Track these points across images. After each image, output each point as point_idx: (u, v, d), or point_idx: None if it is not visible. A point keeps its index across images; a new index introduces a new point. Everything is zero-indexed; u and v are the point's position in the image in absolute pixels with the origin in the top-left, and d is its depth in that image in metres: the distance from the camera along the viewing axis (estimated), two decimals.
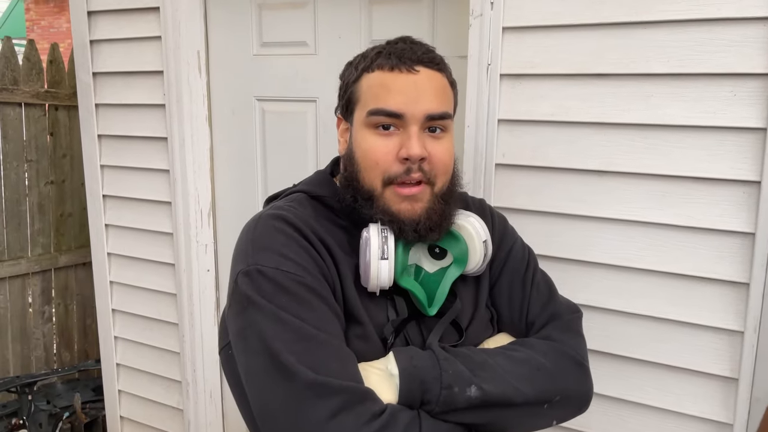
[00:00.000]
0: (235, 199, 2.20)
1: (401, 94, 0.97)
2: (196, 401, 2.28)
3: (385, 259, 0.95)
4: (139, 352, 2.42)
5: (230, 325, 0.95)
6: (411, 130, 0.96)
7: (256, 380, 0.89)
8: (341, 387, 0.84)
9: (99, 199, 2.37)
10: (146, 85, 2.18)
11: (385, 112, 0.96)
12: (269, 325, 0.88)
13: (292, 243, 0.94)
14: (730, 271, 1.40)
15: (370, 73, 1.01)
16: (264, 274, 0.91)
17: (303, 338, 0.87)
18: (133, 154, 2.26)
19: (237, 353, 0.94)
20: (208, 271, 2.24)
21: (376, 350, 0.96)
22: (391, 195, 0.98)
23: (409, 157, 0.95)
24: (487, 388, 0.91)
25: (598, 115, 1.47)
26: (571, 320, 1.08)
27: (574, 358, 1.02)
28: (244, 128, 2.13)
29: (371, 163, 0.98)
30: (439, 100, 0.99)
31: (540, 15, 1.50)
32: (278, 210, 1.00)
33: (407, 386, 0.89)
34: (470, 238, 1.03)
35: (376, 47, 1.04)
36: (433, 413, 0.89)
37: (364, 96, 1.00)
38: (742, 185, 1.36)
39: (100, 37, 2.24)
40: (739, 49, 1.32)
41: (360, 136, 1.00)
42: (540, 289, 1.11)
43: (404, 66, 0.98)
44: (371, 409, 0.84)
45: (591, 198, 1.52)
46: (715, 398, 1.46)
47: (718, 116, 1.36)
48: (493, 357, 0.97)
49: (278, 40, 2.02)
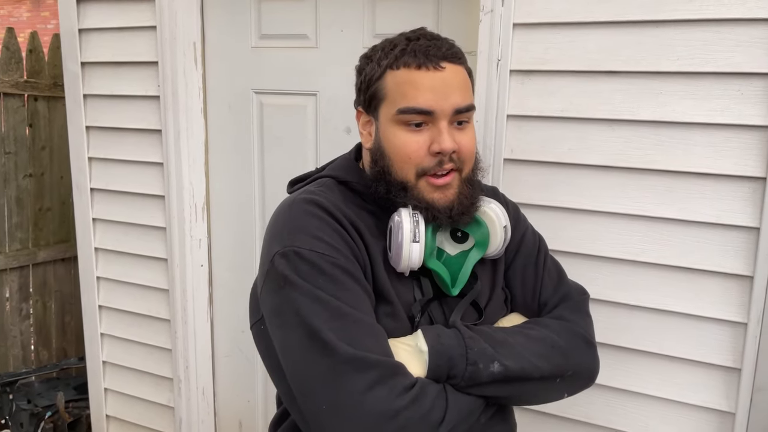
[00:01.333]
0: (231, 194, 2.17)
1: (430, 91, 1.00)
2: (188, 398, 2.25)
3: (417, 242, 1.00)
4: (127, 349, 2.36)
5: (266, 302, 1.00)
6: (441, 125, 1.01)
7: (294, 354, 0.94)
8: (377, 361, 0.90)
9: (86, 192, 2.30)
10: (139, 76, 2.13)
11: (417, 110, 1.00)
12: (306, 303, 0.92)
13: (325, 226, 0.98)
14: (735, 265, 1.44)
15: (395, 70, 1.03)
16: (300, 255, 0.95)
17: (340, 316, 0.92)
18: (124, 147, 2.20)
19: (273, 328, 0.99)
20: (202, 266, 2.20)
21: (403, 328, 1.02)
22: (424, 185, 1.03)
23: (442, 151, 1.01)
24: (508, 364, 0.97)
25: (608, 111, 1.50)
26: (580, 301, 1.16)
27: (584, 337, 1.10)
28: (241, 121, 2.10)
29: (404, 158, 1.02)
30: (464, 93, 1.04)
31: (551, 12, 1.52)
32: (310, 195, 1.04)
33: (436, 362, 0.95)
34: (492, 223, 1.09)
35: (395, 41, 1.06)
36: (458, 387, 0.96)
37: (392, 93, 1.03)
38: (747, 181, 1.41)
39: (89, 26, 2.18)
40: (747, 48, 1.36)
41: (390, 133, 1.04)
42: (551, 272, 1.19)
43: (431, 63, 1.01)
44: (403, 382, 0.90)
45: (598, 193, 1.55)
46: (718, 388, 1.50)
47: (725, 114, 1.40)
48: (513, 335, 1.04)
49: (278, 32, 2.00)
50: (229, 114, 2.11)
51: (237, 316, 2.24)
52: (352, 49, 1.90)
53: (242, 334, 2.23)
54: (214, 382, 2.31)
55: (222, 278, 2.24)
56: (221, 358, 2.29)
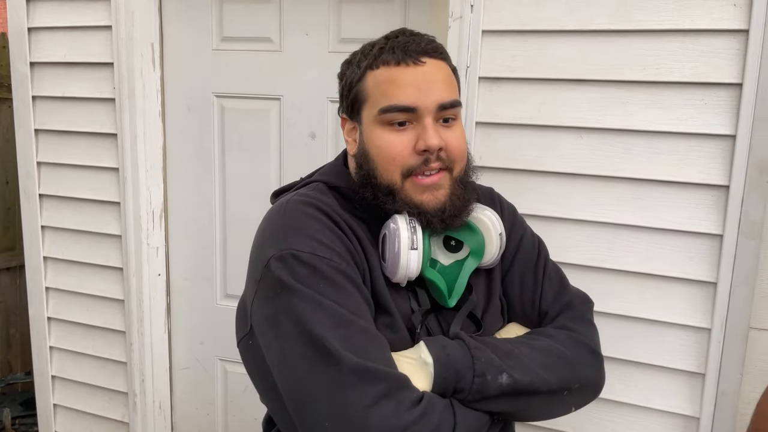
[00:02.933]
0: (190, 200, 2.10)
1: (411, 87, 0.96)
2: (144, 414, 2.16)
3: (415, 249, 0.95)
4: (79, 363, 2.26)
5: (258, 312, 0.93)
6: (426, 122, 0.96)
7: (292, 366, 0.87)
8: (385, 373, 0.85)
9: (35, 198, 2.19)
10: (93, 77, 2.04)
11: (398, 107, 0.96)
12: (308, 310, 0.86)
13: (325, 229, 0.93)
14: (699, 271, 1.47)
15: (375, 70, 0.99)
16: (299, 258, 0.89)
17: (343, 323, 0.86)
18: (77, 151, 2.11)
19: (267, 339, 0.92)
20: (159, 275, 2.12)
21: (403, 340, 0.97)
22: (411, 186, 0.98)
23: (428, 148, 0.95)
24: (517, 377, 0.92)
25: (576, 119, 1.51)
26: (584, 310, 1.10)
27: (590, 347, 1.05)
28: (201, 125, 2.04)
29: (389, 159, 0.97)
30: (448, 89, 0.99)
31: (519, 19, 1.52)
32: (305, 197, 0.99)
33: (442, 375, 0.90)
34: (487, 231, 1.04)
35: (375, 43, 1.02)
36: (465, 401, 0.90)
37: (372, 94, 0.99)
38: (711, 189, 1.43)
39: (39, 25, 2.08)
40: (711, 59, 1.39)
41: (373, 134, 0.99)
42: (551, 278, 1.13)
43: (410, 59, 0.97)
44: (410, 397, 0.85)
45: (566, 200, 1.56)
46: (683, 393, 1.52)
47: (689, 123, 1.43)
48: (518, 346, 0.99)
49: (240, 34, 1.95)
50: (189, 118, 2.05)
51: (195, 326, 2.16)
52: (317, 53, 1.87)
53: (201, 346, 2.16)
54: (171, 396, 2.23)
55: (180, 287, 2.16)
56: (179, 371, 2.21)
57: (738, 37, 1.37)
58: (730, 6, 1.36)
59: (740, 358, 1.44)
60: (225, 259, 2.09)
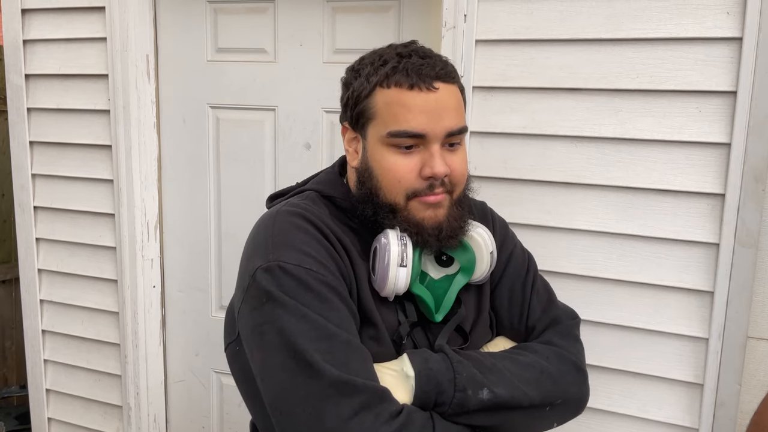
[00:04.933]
0: (185, 212, 2.09)
1: (423, 114, 0.95)
2: (138, 427, 2.14)
3: (404, 266, 0.95)
4: (73, 376, 2.24)
5: (244, 321, 0.94)
6: (433, 148, 0.96)
7: (274, 376, 0.88)
8: (364, 386, 0.85)
9: (29, 211, 2.19)
10: (88, 88, 2.04)
11: (408, 134, 0.95)
12: (292, 322, 0.87)
13: (312, 241, 0.94)
14: (695, 280, 1.45)
15: (386, 89, 0.97)
16: (286, 270, 0.89)
17: (326, 336, 0.87)
18: (71, 163, 2.10)
19: (251, 349, 0.92)
20: (154, 287, 2.11)
21: (388, 352, 0.97)
22: (415, 205, 0.98)
23: (434, 176, 0.96)
24: (498, 392, 0.93)
25: (570, 128, 1.50)
26: (570, 325, 1.11)
27: (575, 363, 1.05)
28: (196, 137, 2.03)
29: (393, 182, 0.97)
30: (458, 115, 0.98)
31: (512, 29, 1.52)
32: (295, 207, 0.99)
33: (423, 388, 0.90)
34: (479, 249, 1.04)
35: (384, 57, 0.99)
36: (445, 415, 0.91)
37: (382, 113, 0.97)
38: (706, 198, 1.42)
39: (35, 37, 2.08)
40: (704, 67, 1.39)
41: (379, 154, 0.98)
42: (540, 293, 1.13)
43: (424, 84, 0.95)
44: (389, 409, 0.85)
45: (560, 209, 1.55)
46: (681, 404, 1.50)
47: (684, 132, 1.42)
48: (501, 361, 0.99)
49: (235, 46, 1.95)
50: (184, 129, 2.04)
51: (191, 338, 2.15)
52: (312, 64, 1.87)
53: (196, 358, 2.14)
54: (166, 409, 2.21)
55: (175, 299, 2.15)
56: (174, 384, 2.20)
57: (732, 45, 1.36)
58: (723, 14, 1.36)
59: (738, 367, 1.43)
60: (220, 270, 2.08)
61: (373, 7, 1.78)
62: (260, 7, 1.89)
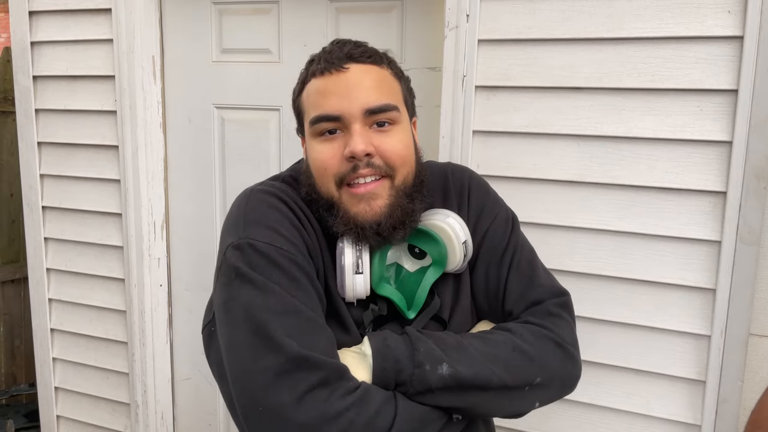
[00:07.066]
0: (191, 211, 2.11)
1: (334, 95, 0.95)
2: (146, 424, 2.16)
3: (360, 273, 0.95)
4: (81, 374, 2.26)
5: (215, 298, 0.95)
6: (353, 128, 0.95)
7: (237, 351, 0.88)
8: (324, 362, 0.85)
9: (38, 210, 2.21)
10: (94, 89, 2.06)
11: (323, 117, 0.96)
12: (258, 297, 0.87)
13: (284, 220, 0.94)
14: (697, 278, 1.46)
15: (308, 83, 1.00)
16: (255, 248, 0.90)
17: (291, 312, 0.87)
18: (79, 163, 2.13)
19: (220, 326, 0.92)
20: (161, 286, 2.13)
21: (355, 340, 0.97)
22: (347, 198, 0.96)
23: (353, 154, 0.93)
24: (460, 369, 0.90)
25: (572, 127, 1.51)
26: (558, 303, 1.04)
27: (554, 341, 0.98)
28: (202, 137, 2.05)
29: (321, 170, 0.97)
30: (377, 93, 0.96)
31: (515, 28, 1.53)
32: (269, 187, 0.99)
33: (380, 365, 0.89)
34: (449, 240, 1.01)
35: (312, 56, 1.04)
36: (408, 394, 0.89)
37: (307, 107, 1.00)
38: (708, 195, 1.43)
39: (42, 39, 2.10)
40: (706, 66, 1.39)
41: (310, 147, 1.00)
42: (520, 270, 1.05)
43: (333, 67, 0.96)
44: (345, 386, 0.85)
45: (563, 208, 1.56)
46: (683, 401, 1.51)
47: (686, 130, 1.43)
48: (468, 339, 0.96)
49: (240, 46, 1.96)
50: (190, 129, 2.06)
51: (197, 337, 2.15)
52: None
53: (202, 356, 2.14)
54: (173, 407, 2.23)
55: (182, 298, 2.17)
56: (181, 381, 2.22)
57: (733, 44, 1.37)
58: (725, 13, 1.37)
59: (741, 364, 1.43)
60: None
61: (376, 8, 1.79)
62: (265, 8, 1.91)
